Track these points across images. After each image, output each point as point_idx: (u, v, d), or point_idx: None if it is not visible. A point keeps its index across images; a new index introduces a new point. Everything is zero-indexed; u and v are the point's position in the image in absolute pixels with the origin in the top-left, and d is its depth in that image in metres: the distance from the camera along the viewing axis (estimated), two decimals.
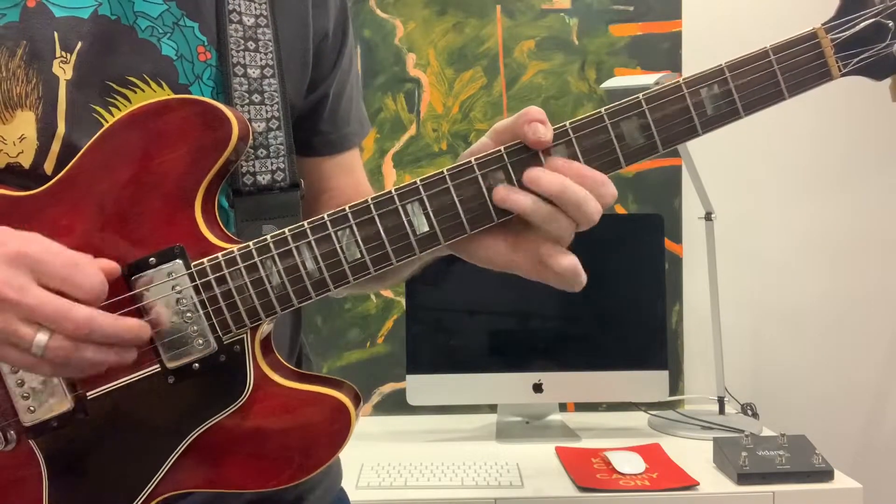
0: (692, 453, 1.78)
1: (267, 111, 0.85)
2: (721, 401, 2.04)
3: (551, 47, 2.18)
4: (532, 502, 1.60)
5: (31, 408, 0.74)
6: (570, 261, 0.74)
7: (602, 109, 0.75)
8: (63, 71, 0.77)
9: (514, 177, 0.75)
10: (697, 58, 2.15)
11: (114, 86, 0.79)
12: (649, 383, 1.98)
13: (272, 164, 0.85)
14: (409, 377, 1.97)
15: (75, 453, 0.76)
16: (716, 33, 2.17)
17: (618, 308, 2.02)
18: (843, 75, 0.76)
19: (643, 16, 2.16)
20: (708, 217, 2.01)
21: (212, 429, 0.77)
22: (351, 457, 1.21)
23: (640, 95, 0.75)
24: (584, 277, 0.75)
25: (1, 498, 0.76)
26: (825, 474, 1.61)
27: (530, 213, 0.73)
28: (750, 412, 2.03)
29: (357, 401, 0.79)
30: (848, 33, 0.75)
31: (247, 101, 0.83)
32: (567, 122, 0.76)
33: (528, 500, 1.60)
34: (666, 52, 2.16)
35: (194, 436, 0.76)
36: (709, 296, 2.02)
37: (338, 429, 0.77)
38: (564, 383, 1.99)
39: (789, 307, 2.23)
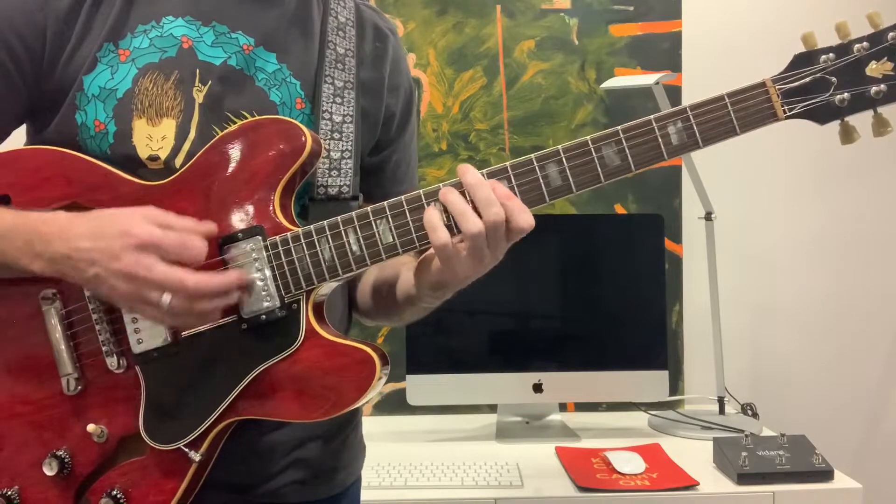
0: (692, 453, 1.78)
1: (343, 146, 1.10)
2: (721, 401, 2.04)
3: (551, 47, 2.18)
4: (532, 502, 1.60)
5: (140, 340, 0.98)
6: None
7: (588, 138, 0.94)
8: (198, 96, 1.03)
9: (516, 186, 0.96)
10: (697, 58, 2.15)
11: (230, 115, 1.04)
12: (649, 383, 1.98)
13: (341, 181, 1.09)
14: (409, 377, 1.97)
15: (167, 379, 0.98)
16: (715, 33, 2.17)
17: (618, 308, 2.02)
18: (788, 118, 0.91)
19: (643, 16, 2.17)
20: (708, 217, 2.01)
21: (269, 368, 0.97)
22: None
23: (619, 128, 0.93)
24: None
25: (111, 407, 0.99)
26: (825, 474, 1.61)
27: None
28: (750, 412, 2.03)
29: (384, 360, 0.97)
30: (792, 85, 0.91)
31: (329, 137, 1.08)
32: (560, 147, 0.94)
33: (528, 500, 1.60)
34: (666, 52, 2.16)
35: (256, 372, 0.96)
36: (709, 296, 2.03)
37: (364, 376, 0.96)
38: (564, 383, 1.99)
39: (789, 307, 2.23)
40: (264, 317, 0.96)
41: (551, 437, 1.92)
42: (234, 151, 0.99)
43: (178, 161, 1.02)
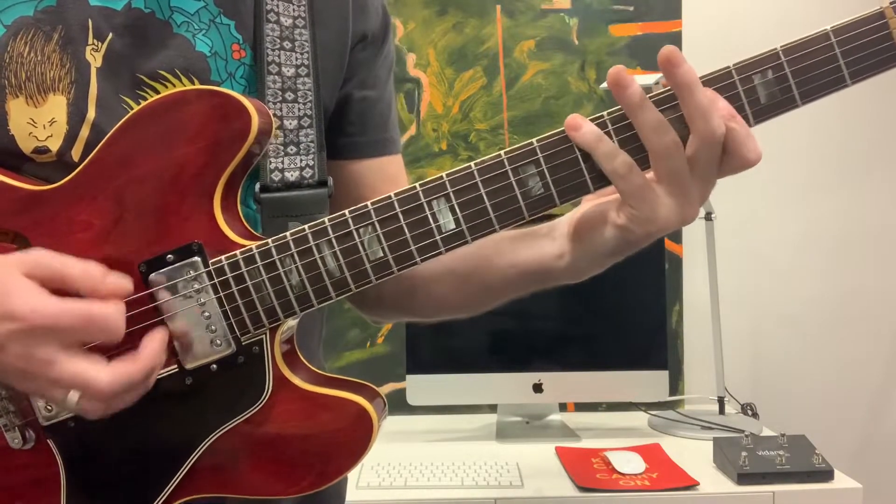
0: (692, 453, 1.78)
1: (299, 109, 0.83)
2: (721, 401, 2.04)
3: (551, 47, 2.18)
4: (532, 502, 1.60)
5: (49, 407, 0.74)
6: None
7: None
8: (94, 59, 0.77)
9: (546, 172, 0.72)
10: (697, 58, 2.13)
11: (145, 79, 0.78)
12: (649, 383, 1.98)
13: (301, 160, 0.83)
14: (409, 377, 1.97)
15: (93, 454, 0.75)
16: (716, 33, 2.17)
17: (618, 308, 2.02)
18: None
19: (643, 16, 2.16)
20: (708, 217, 2.01)
21: (230, 432, 0.75)
22: None
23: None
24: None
25: (21, 496, 0.76)
26: (825, 474, 1.61)
27: (639, 110, 0.71)
28: (750, 412, 2.03)
29: (381, 406, 0.78)
30: None
31: (279, 98, 0.82)
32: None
33: (528, 500, 1.59)
34: None
35: (212, 439, 0.75)
36: (709, 296, 2.02)
37: (359, 436, 0.76)
38: (564, 383, 1.99)
39: (789, 307, 2.23)
40: (215, 366, 0.73)
41: (551, 437, 1.92)
42: (152, 139, 0.73)
43: (76, 153, 0.76)
